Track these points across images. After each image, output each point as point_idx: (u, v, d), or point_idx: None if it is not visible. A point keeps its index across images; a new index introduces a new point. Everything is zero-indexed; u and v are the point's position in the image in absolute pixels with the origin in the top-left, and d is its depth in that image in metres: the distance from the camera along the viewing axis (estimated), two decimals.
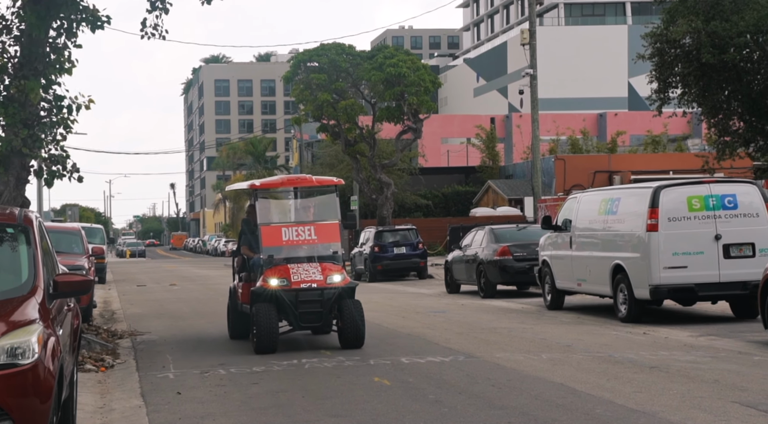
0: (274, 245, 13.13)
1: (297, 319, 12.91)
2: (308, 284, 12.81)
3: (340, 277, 13.02)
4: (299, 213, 14.08)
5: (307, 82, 40.92)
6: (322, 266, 13.07)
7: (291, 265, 12.99)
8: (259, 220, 13.44)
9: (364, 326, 12.93)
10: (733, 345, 12.55)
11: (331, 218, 13.69)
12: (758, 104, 23.22)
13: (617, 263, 15.73)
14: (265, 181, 14.45)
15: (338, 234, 13.47)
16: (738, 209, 14.91)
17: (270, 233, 13.24)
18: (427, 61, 79.78)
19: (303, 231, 13.24)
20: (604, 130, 61.60)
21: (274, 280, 12.81)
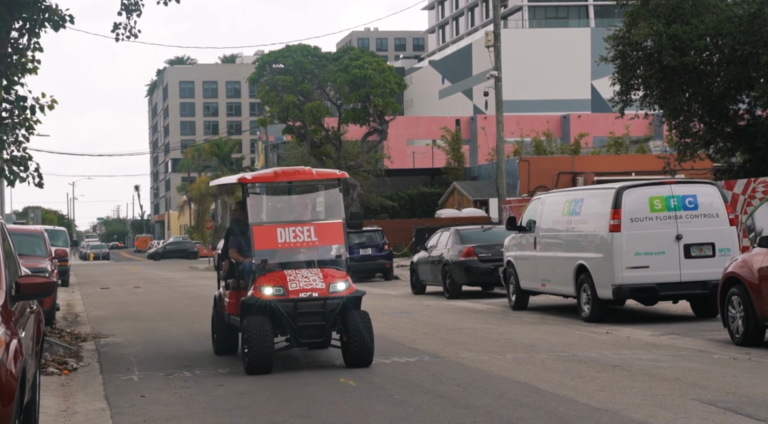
0: (267, 248, 11.44)
1: (295, 334, 11.09)
2: (308, 293, 11.06)
3: (344, 285, 11.27)
4: (296, 211, 12.29)
5: (273, 84, 40.83)
6: (323, 272, 11.33)
7: (288, 271, 11.27)
8: (251, 219, 11.59)
9: (373, 341, 11.18)
10: (693, 344, 12.73)
11: (333, 216, 11.91)
12: (718, 106, 23.55)
13: (581, 264, 15.88)
14: (257, 174, 12.70)
15: (342, 235, 11.68)
16: (698, 210, 15.12)
17: (263, 233, 11.48)
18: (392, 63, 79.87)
19: (301, 232, 11.50)
20: (568, 131, 62.07)
21: (268, 288, 11.09)
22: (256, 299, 11.14)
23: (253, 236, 11.48)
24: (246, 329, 10.96)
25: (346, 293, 11.25)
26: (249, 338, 10.86)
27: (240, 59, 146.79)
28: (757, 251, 12.27)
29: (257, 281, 11.27)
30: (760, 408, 8.31)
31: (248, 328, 10.93)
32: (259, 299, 11.11)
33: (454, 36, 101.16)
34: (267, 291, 11.10)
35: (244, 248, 12.11)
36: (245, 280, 11.88)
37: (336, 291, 11.18)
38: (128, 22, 14.15)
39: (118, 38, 14.22)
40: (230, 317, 12.25)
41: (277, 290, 11.10)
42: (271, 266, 11.35)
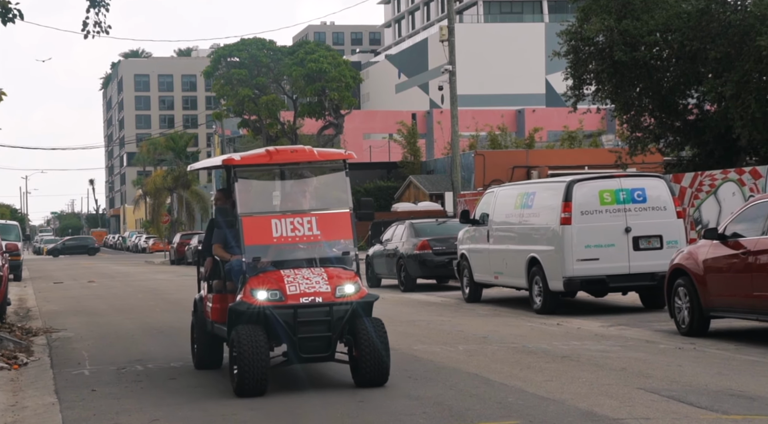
0: (260, 244, 9.62)
1: (295, 347, 9.25)
2: (310, 297, 9.27)
3: (353, 287, 9.47)
4: (294, 199, 10.28)
5: (228, 78, 40.64)
6: (328, 272, 9.53)
7: (285, 271, 9.47)
8: (240, 208, 9.67)
9: (389, 356, 9.39)
10: (641, 334, 12.97)
11: (339, 205, 10.02)
12: (668, 101, 23.87)
13: (532, 256, 16.07)
14: (247, 155, 10.38)
15: (350, 227, 9.86)
16: (647, 203, 15.37)
17: (255, 226, 9.63)
18: (348, 57, 79.77)
19: (301, 224, 9.66)
20: (523, 126, 62.52)
21: (261, 292, 9.29)
22: (247, 305, 9.29)
23: (243, 229, 9.59)
24: (235, 342, 9.09)
25: (356, 298, 9.41)
26: (239, 354, 9.03)
27: (196, 53, 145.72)
28: (702, 243, 12.52)
29: (248, 284, 9.42)
30: (702, 396, 8.52)
31: (238, 341, 9.07)
32: (251, 305, 9.26)
33: (410, 30, 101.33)
34: (260, 296, 9.28)
35: (230, 242, 10.26)
36: (233, 281, 10.05)
37: (344, 295, 9.37)
38: (97, 18, 14.08)
39: (87, 35, 14.13)
40: (214, 326, 10.37)
41: (273, 294, 9.28)
42: (264, 265, 9.55)
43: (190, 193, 69.94)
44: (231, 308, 9.53)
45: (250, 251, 9.58)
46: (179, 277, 34.90)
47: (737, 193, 18.73)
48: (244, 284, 9.50)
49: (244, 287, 9.47)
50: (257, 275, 9.46)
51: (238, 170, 9.89)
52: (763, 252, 11.23)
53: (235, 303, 9.51)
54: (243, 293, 9.46)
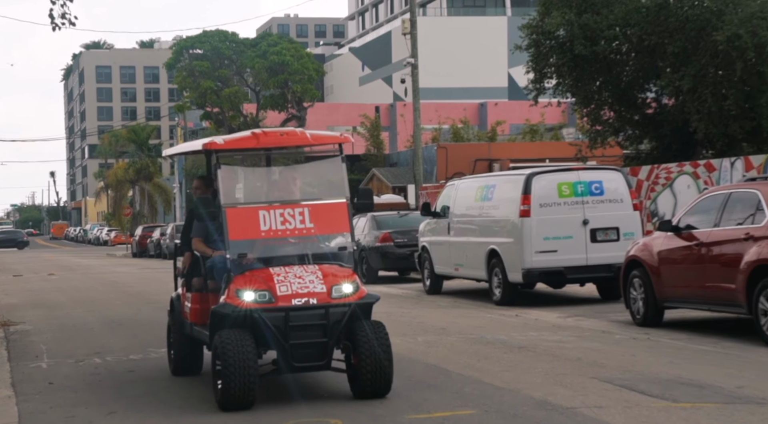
0: (246, 238, 8.67)
1: (287, 354, 8.29)
2: (303, 299, 8.32)
3: (351, 287, 8.51)
4: (285, 188, 9.28)
5: (190, 69, 40.44)
6: (323, 270, 8.57)
7: (275, 269, 8.53)
8: (223, 198, 8.70)
9: (391, 365, 8.44)
10: (597, 325, 13.15)
11: (334, 194, 9.00)
12: (627, 95, 24.14)
13: (492, 248, 16.22)
14: (231, 138, 9.27)
15: (346, 219, 8.87)
16: (604, 195, 15.57)
17: (241, 218, 8.67)
18: (312, 50, 79.58)
19: (292, 215, 8.70)
20: (485, 119, 62.80)
21: (248, 293, 8.33)
22: (232, 307, 8.32)
23: (227, 222, 8.59)
24: (219, 348, 8.13)
25: (355, 299, 8.46)
26: (224, 363, 8.07)
27: (158, 44, 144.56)
28: (657, 234, 12.72)
29: (233, 283, 8.47)
30: (653, 385, 8.68)
31: (222, 348, 8.09)
32: (237, 307, 8.30)
33: (373, 23, 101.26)
34: (247, 297, 8.31)
35: (212, 236, 9.32)
36: (215, 280, 9.12)
37: (341, 296, 8.42)
38: (63, 9, 13.99)
39: (54, 28, 14.04)
40: (193, 328, 9.46)
41: (261, 295, 8.33)
42: (251, 262, 8.61)
43: (152, 185, 69.49)
44: (214, 311, 8.50)
45: (234, 246, 8.55)
46: (140, 270, 34.71)
47: (692, 185, 19.02)
48: (228, 284, 8.52)
49: (229, 286, 8.48)
50: (243, 274, 8.47)
51: (221, 155, 8.89)
52: (716, 244, 11.44)
53: (219, 305, 8.51)
54: (227, 293, 8.47)
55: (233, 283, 8.47)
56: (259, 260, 8.68)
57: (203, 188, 9.75)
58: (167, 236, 48.82)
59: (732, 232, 11.24)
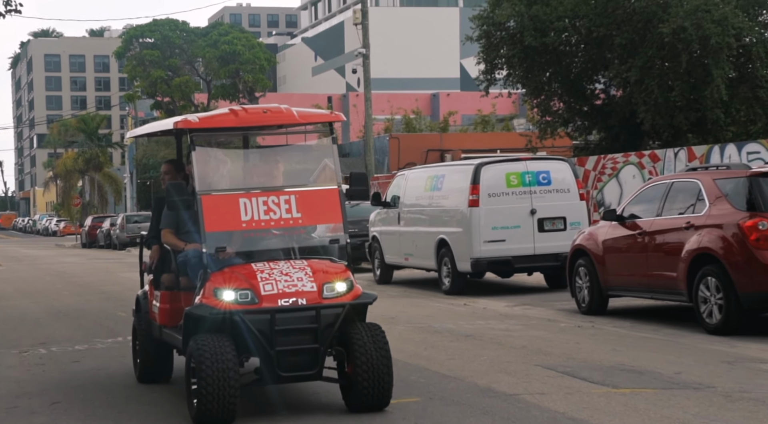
0: (225, 230, 7.69)
1: (273, 363, 7.30)
2: (291, 299, 7.33)
3: (345, 285, 7.53)
4: (267, 173, 8.24)
5: (140, 58, 40.05)
6: (312, 265, 7.58)
7: (258, 265, 7.54)
8: (198, 185, 7.68)
9: (391, 374, 7.46)
10: (543, 314, 13.31)
11: (324, 180, 8.11)
12: (576, 86, 24.39)
13: (441, 238, 16.31)
14: (209, 116, 8.17)
15: (339, 208, 7.84)
16: (551, 185, 15.73)
17: (218, 207, 7.63)
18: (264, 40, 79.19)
19: (277, 204, 7.66)
20: (437, 109, 62.99)
21: (228, 292, 7.34)
22: (210, 308, 7.33)
23: (203, 211, 7.56)
24: (194, 355, 7.12)
25: (349, 298, 7.50)
26: (200, 373, 7.03)
27: (109, 33, 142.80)
28: (602, 224, 12.89)
29: (210, 281, 7.48)
30: (595, 371, 8.83)
31: (198, 355, 7.07)
32: (215, 309, 7.31)
33: (326, 13, 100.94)
34: (227, 297, 7.33)
35: (185, 227, 8.34)
36: (188, 277, 8.11)
37: (334, 295, 7.45)
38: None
39: (3, 16, 13.83)
40: (162, 331, 8.44)
41: (243, 294, 7.33)
42: (229, 257, 7.67)
43: (102, 175, 68.70)
44: (188, 313, 7.48)
45: (211, 238, 7.53)
46: (89, 260, 34.36)
47: (637, 175, 19.29)
48: (204, 282, 7.51)
49: (205, 285, 7.49)
50: (222, 270, 7.50)
51: (195, 136, 7.79)
52: (658, 233, 11.63)
53: (194, 306, 7.49)
54: (203, 292, 7.48)
55: (210, 281, 7.45)
56: (240, 254, 7.69)
57: (173, 173, 8.82)
58: (117, 226, 48.32)
59: (674, 221, 11.43)
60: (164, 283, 8.51)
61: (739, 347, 9.89)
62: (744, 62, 21.69)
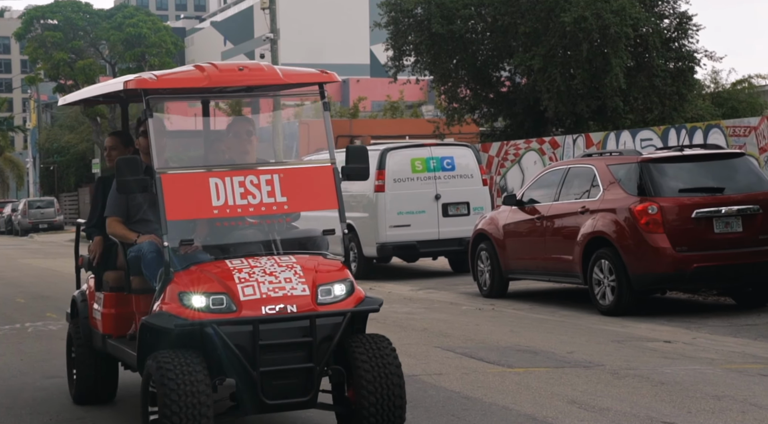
0: (192, 218, 6.20)
1: (256, 388, 5.77)
2: (278, 305, 5.80)
3: (343, 288, 6.03)
4: (243, 147, 6.62)
5: (42, 40, 39.07)
6: (303, 263, 6.05)
7: (234, 262, 6.03)
8: (158, 161, 6.11)
9: (404, 398, 5.96)
10: (446, 297, 13.56)
11: None
12: (482, 73, 24.73)
13: (348, 223, 16.41)
14: (170, 74, 6.44)
15: (333, 190, 6.28)
16: (455, 171, 16.00)
17: (183, 189, 6.09)
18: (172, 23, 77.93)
19: (257, 185, 6.12)
20: (347, 95, 63.04)
21: (197, 297, 5.81)
22: (174, 318, 5.74)
23: (163, 195, 5.98)
24: (155, 378, 5.63)
25: (350, 304, 5.95)
26: (162, 400, 5.52)
27: (9, 14, 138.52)
28: (503, 209, 13.19)
29: (173, 282, 5.91)
30: (492, 352, 9.08)
31: (160, 378, 5.58)
32: (180, 318, 5.73)
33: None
34: (196, 303, 5.77)
35: (139, 214, 6.83)
36: (141, 276, 6.50)
37: (332, 301, 5.92)
38: None
39: None
40: (106, 342, 6.95)
41: (217, 300, 5.76)
42: (199, 253, 6.11)
43: (3, 160, 66.86)
44: (146, 323, 5.86)
45: (175, 228, 5.96)
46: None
47: (538, 161, 19.73)
48: (165, 283, 5.93)
49: (167, 287, 5.89)
50: (188, 269, 5.93)
51: (152, 100, 6.18)
52: (555, 217, 11.96)
53: (153, 315, 5.89)
54: (165, 297, 5.89)
55: (173, 282, 5.86)
56: (209, 249, 6.15)
57: (121, 148, 7.29)
58: (19, 212, 47.18)
59: (570, 205, 11.77)
60: (109, 282, 6.99)
61: (629, 326, 10.27)
62: (641, 52, 22.32)
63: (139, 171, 6.07)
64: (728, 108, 27.93)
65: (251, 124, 6.80)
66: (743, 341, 9.36)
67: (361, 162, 6.41)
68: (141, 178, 6.06)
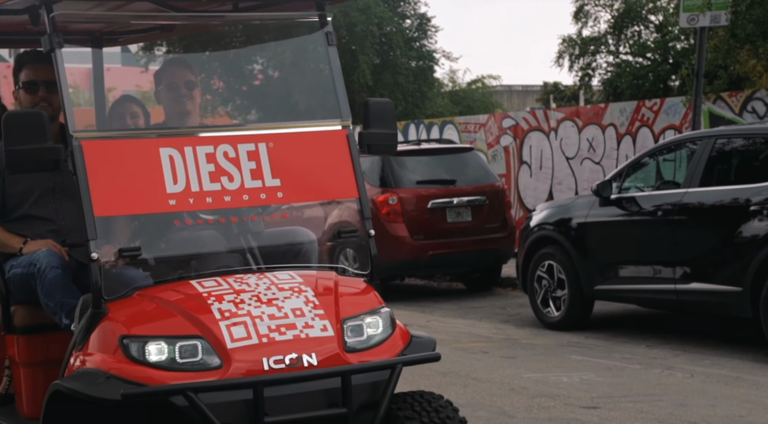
0: (133, 212, 3.82)
1: None
2: (288, 355, 3.48)
3: (379, 325, 3.78)
4: (172, 103, 4.39)
5: None
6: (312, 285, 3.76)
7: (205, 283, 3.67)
8: (73, 123, 3.61)
9: None
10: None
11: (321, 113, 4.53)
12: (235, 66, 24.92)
13: None
14: None
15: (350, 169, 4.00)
16: None
17: (118, 165, 3.65)
18: None
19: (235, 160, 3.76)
20: None
21: (155, 346, 3.43)
22: (117, 381, 3.39)
23: (86, 175, 3.59)
24: None
25: (396, 349, 3.79)
26: None
27: None
28: None
29: (108, 320, 3.59)
30: None
31: None
32: (127, 381, 3.38)
33: None
34: (153, 354, 3.46)
35: (22, 209, 4.42)
36: (32, 306, 4.16)
37: (366, 345, 3.73)
38: None
39: None
40: None
41: (187, 349, 3.47)
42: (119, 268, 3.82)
43: None
44: (62, 389, 3.51)
45: (106, 229, 3.78)
46: None
47: None
48: (94, 321, 3.61)
49: (96, 327, 3.61)
50: (129, 296, 3.68)
51: (62, 18, 3.78)
52: None
53: (76, 376, 3.54)
54: (91, 344, 3.61)
55: (109, 319, 3.58)
56: (164, 262, 3.92)
57: None
58: None
59: None
60: None
61: None
62: (386, 50, 23.35)
63: (46, 134, 3.54)
64: (464, 106, 29.65)
65: (190, 71, 4.42)
66: (470, 322, 10.21)
67: (387, 125, 4.10)
68: (50, 146, 3.54)
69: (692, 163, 8.37)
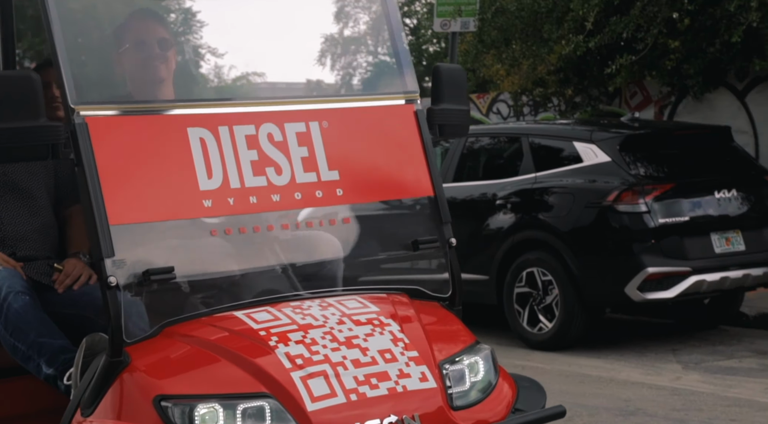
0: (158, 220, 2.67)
1: None
2: (385, 418, 2.56)
3: (480, 367, 2.87)
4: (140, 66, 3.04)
5: None
6: (391, 314, 2.83)
7: (256, 314, 2.71)
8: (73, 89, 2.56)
9: None
10: None
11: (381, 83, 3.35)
12: None
13: None
14: None
15: (423, 159, 3.01)
16: None
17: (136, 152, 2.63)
18: None
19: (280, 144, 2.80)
20: None
21: (206, 408, 2.47)
22: None
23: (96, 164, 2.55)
24: None
25: (507, 407, 2.86)
26: None
27: None
28: None
29: (132, 370, 2.58)
30: None
31: None
32: None
33: None
34: (204, 420, 2.48)
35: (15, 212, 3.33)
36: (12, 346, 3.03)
37: (474, 399, 2.81)
38: None
39: None
40: None
41: (253, 411, 2.51)
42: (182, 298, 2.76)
43: None
44: None
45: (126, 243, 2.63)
46: None
47: None
48: (110, 376, 2.61)
49: (115, 382, 2.61)
50: (157, 336, 2.68)
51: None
52: None
53: None
54: (110, 405, 2.61)
55: (131, 370, 2.61)
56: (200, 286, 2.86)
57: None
58: None
59: None
60: None
61: None
62: None
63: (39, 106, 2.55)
64: None
65: (163, 26, 3.12)
66: None
67: (460, 99, 3.20)
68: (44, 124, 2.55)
69: (446, 160, 8.91)
